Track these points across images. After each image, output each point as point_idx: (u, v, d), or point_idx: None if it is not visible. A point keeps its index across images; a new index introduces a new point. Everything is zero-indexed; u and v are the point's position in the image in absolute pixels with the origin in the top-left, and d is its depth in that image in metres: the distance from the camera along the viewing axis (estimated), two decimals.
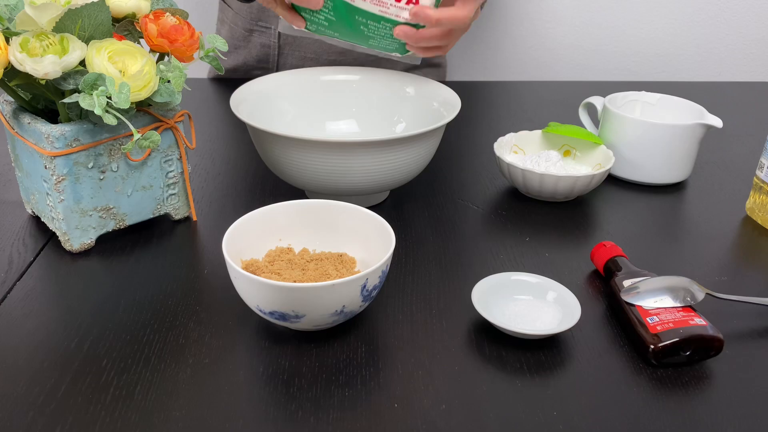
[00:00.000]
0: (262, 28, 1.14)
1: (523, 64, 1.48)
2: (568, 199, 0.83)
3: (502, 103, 1.16)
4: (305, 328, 0.58)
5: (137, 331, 0.60)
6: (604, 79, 1.48)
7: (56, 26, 0.61)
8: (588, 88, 1.22)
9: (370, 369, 0.56)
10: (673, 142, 0.85)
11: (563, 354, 0.58)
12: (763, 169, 0.78)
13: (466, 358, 0.58)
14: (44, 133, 0.64)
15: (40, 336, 0.59)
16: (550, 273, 0.69)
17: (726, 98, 1.21)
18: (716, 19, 1.42)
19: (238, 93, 0.80)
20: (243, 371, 0.56)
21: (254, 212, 0.64)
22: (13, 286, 0.66)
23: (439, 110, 0.83)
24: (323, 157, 0.70)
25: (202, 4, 1.42)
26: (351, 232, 0.66)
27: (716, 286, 0.68)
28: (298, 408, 0.52)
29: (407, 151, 0.73)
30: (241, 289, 0.57)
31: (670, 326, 0.57)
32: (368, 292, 0.57)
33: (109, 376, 0.55)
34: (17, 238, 0.73)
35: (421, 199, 0.83)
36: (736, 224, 0.80)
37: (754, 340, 0.61)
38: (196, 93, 1.15)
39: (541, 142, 0.90)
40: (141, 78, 0.63)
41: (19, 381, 0.54)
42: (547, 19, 1.43)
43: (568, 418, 0.52)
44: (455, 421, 0.51)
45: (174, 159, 0.73)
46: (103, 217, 0.70)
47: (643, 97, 0.95)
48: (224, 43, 0.72)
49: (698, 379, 0.56)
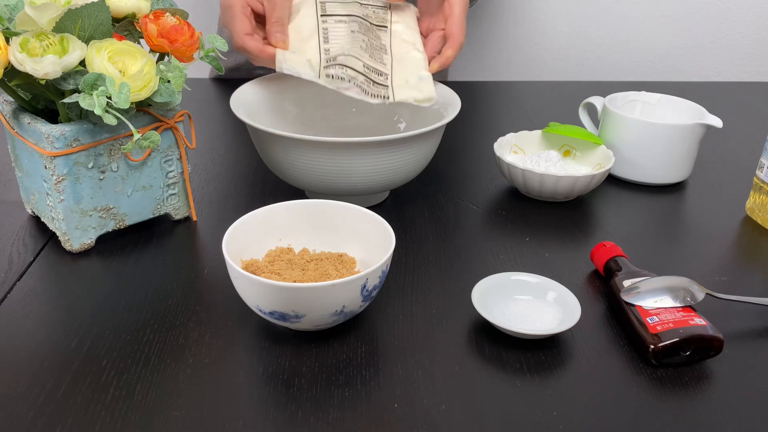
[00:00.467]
0: None
1: (523, 64, 1.48)
2: (568, 199, 0.83)
3: (502, 103, 1.16)
4: (305, 328, 0.58)
5: (137, 331, 0.60)
6: (604, 79, 1.48)
7: (56, 26, 0.61)
8: (588, 88, 1.22)
9: (370, 369, 0.56)
10: (673, 142, 0.85)
11: (563, 354, 0.58)
12: (763, 169, 0.78)
13: (466, 358, 0.58)
14: (44, 133, 0.64)
15: (40, 336, 0.59)
16: (550, 273, 0.69)
17: (726, 98, 1.21)
18: (716, 19, 1.42)
19: (238, 93, 0.80)
20: (243, 371, 0.56)
21: (254, 212, 0.64)
22: (13, 286, 0.66)
23: (439, 110, 0.83)
24: (323, 157, 0.70)
25: (202, 4, 1.42)
26: (351, 232, 0.66)
27: (716, 286, 0.68)
28: (298, 408, 0.52)
29: (407, 151, 0.73)
30: (241, 289, 0.57)
31: (670, 326, 0.57)
32: (368, 292, 0.57)
33: (109, 376, 0.55)
34: (17, 238, 0.73)
35: (421, 199, 0.83)
36: (736, 224, 0.80)
37: (754, 340, 0.61)
38: (196, 93, 1.15)
39: (541, 142, 0.90)
40: (141, 78, 0.63)
41: (19, 381, 0.54)
42: (547, 19, 1.43)
43: (568, 418, 0.52)
44: (455, 421, 0.51)
45: (174, 159, 0.73)
46: (103, 217, 0.70)
47: (643, 97, 0.95)
48: (224, 43, 0.72)
49: (698, 379, 0.56)
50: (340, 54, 0.80)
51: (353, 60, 0.79)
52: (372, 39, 0.81)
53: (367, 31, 0.81)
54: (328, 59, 0.80)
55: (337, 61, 0.79)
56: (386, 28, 0.82)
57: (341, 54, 0.80)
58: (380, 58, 0.81)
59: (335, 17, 0.82)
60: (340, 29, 0.82)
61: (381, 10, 0.83)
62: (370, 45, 0.81)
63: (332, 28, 0.82)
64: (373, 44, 0.81)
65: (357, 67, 0.79)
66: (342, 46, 0.80)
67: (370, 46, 0.81)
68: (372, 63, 0.80)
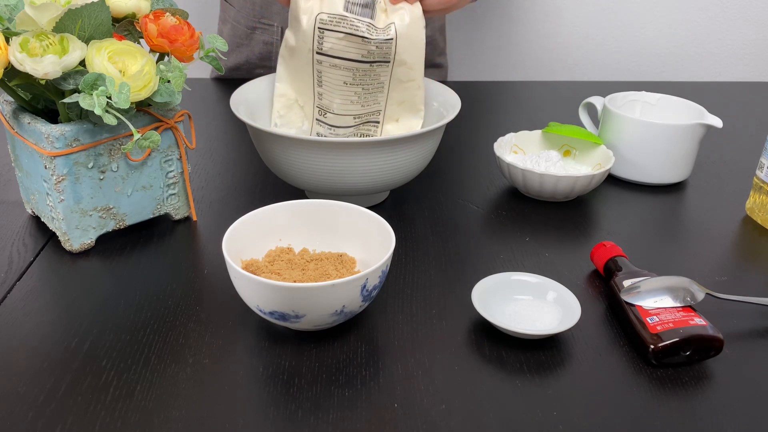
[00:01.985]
0: (265, 26, 1.14)
1: (523, 64, 1.48)
2: (568, 199, 0.83)
3: (502, 103, 1.16)
4: (305, 328, 0.58)
5: (137, 331, 0.60)
6: (604, 79, 1.48)
7: (56, 26, 0.61)
8: (588, 88, 1.22)
9: (370, 369, 0.56)
10: (673, 142, 0.85)
11: (563, 354, 0.58)
12: (763, 169, 0.78)
13: (466, 358, 0.58)
14: (44, 133, 0.64)
15: (40, 336, 0.59)
16: (550, 273, 0.69)
17: (726, 98, 1.21)
18: (716, 19, 1.42)
19: (238, 93, 0.80)
20: (243, 371, 0.56)
21: (254, 212, 0.64)
22: (13, 286, 0.66)
23: (439, 110, 0.83)
24: (323, 157, 0.70)
25: (202, 4, 1.42)
26: (351, 232, 0.66)
27: (716, 286, 0.68)
28: (298, 408, 0.52)
29: (407, 151, 0.73)
30: (241, 289, 0.57)
31: (670, 326, 0.57)
32: (368, 292, 0.57)
33: (109, 376, 0.55)
34: (17, 238, 0.73)
35: (421, 199, 0.83)
36: (736, 224, 0.80)
37: (754, 340, 0.61)
38: (196, 93, 1.15)
39: (541, 142, 0.90)
40: (141, 78, 0.63)
41: (19, 381, 0.54)
42: (548, 19, 1.43)
43: (568, 418, 0.52)
44: (455, 421, 0.51)
45: (174, 159, 0.73)
46: (103, 217, 0.70)
47: (643, 97, 0.95)
48: (224, 43, 0.72)
49: (698, 379, 0.56)
50: (329, 111, 0.80)
51: (342, 119, 0.81)
52: (367, 83, 0.78)
53: (363, 76, 0.78)
54: (320, 109, 0.81)
55: (326, 120, 0.81)
56: (388, 63, 0.77)
57: (330, 112, 0.80)
58: (375, 98, 0.80)
59: (330, 60, 0.77)
60: (333, 76, 0.78)
61: (386, 43, 0.75)
62: (364, 91, 0.79)
63: (326, 72, 0.78)
64: (367, 89, 0.79)
65: (347, 123, 0.81)
66: (332, 100, 0.79)
67: (363, 93, 0.79)
68: (363, 111, 0.80)
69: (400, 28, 0.75)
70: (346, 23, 0.74)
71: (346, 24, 0.74)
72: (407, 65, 0.78)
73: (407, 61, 0.77)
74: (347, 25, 0.74)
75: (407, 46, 0.76)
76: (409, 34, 0.76)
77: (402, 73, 0.78)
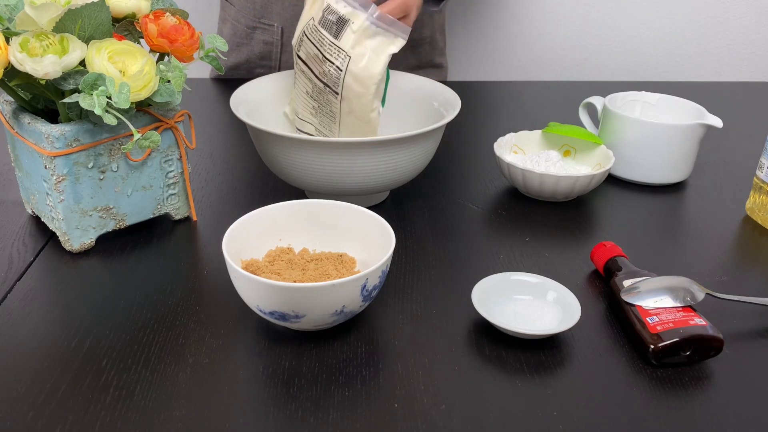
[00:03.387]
0: (265, 26, 1.14)
1: (523, 64, 1.48)
2: (568, 199, 0.83)
3: (502, 103, 1.16)
4: (305, 328, 0.58)
5: (137, 331, 0.60)
6: (604, 79, 1.48)
7: (56, 26, 0.61)
8: (588, 88, 1.22)
9: (370, 369, 0.56)
10: (673, 142, 0.85)
11: (563, 354, 0.58)
12: (763, 169, 0.78)
13: (466, 358, 0.58)
14: (44, 133, 0.64)
15: (40, 336, 0.59)
16: (550, 273, 0.69)
17: (726, 98, 1.21)
18: (716, 19, 1.42)
19: (238, 93, 0.80)
20: (243, 371, 0.56)
21: (254, 212, 0.64)
22: (13, 286, 0.66)
23: (439, 110, 0.83)
24: (323, 157, 0.70)
25: (202, 4, 1.42)
26: (351, 232, 0.66)
27: (716, 286, 0.68)
28: (298, 408, 0.52)
29: (407, 151, 0.73)
30: (241, 289, 0.57)
31: (670, 326, 0.57)
32: (368, 292, 0.57)
33: (109, 376, 0.55)
34: (17, 238, 0.73)
35: (421, 199, 0.83)
36: (736, 224, 0.80)
37: (754, 340, 0.61)
38: (196, 93, 1.15)
39: (541, 142, 0.90)
40: (141, 78, 0.63)
41: (19, 381, 0.54)
42: (547, 18, 1.43)
43: (568, 418, 0.52)
44: (455, 421, 0.51)
45: (174, 159, 0.73)
46: (103, 217, 0.70)
47: (643, 97, 0.95)
48: (224, 43, 0.72)
49: (698, 379, 0.56)
50: (297, 114, 0.84)
51: (307, 125, 0.83)
52: (323, 104, 0.79)
53: (319, 94, 0.79)
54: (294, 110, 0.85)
55: (297, 123, 0.85)
56: (338, 94, 0.77)
57: (297, 116, 0.84)
58: (328, 125, 0.81)
59: (301, 65, 0.79)
60: (300, 82, 0.81)
61: (336, 71, 0.75)
62: (320, 110, 0.80)
63: (298, 76, 0.81)
64: (323, 109, 0.80)
65: (310, 131, 0.83)
66: (298, 104, 0.83)
67: (320, 111, 0.80)
68: (321, 128, 0.82)
69: (352, 67, 0.74)
70: (316, 36, 0.76)
71: (316, 37, 0.76)
72: (354, 114, 0.78)
73: (354, 110, 0.77)
74: (316, 38, 0.76)
75: (355, 87, 0.75)
76: (360, 76, 0.75)
77: (348, 113, 0.79)
